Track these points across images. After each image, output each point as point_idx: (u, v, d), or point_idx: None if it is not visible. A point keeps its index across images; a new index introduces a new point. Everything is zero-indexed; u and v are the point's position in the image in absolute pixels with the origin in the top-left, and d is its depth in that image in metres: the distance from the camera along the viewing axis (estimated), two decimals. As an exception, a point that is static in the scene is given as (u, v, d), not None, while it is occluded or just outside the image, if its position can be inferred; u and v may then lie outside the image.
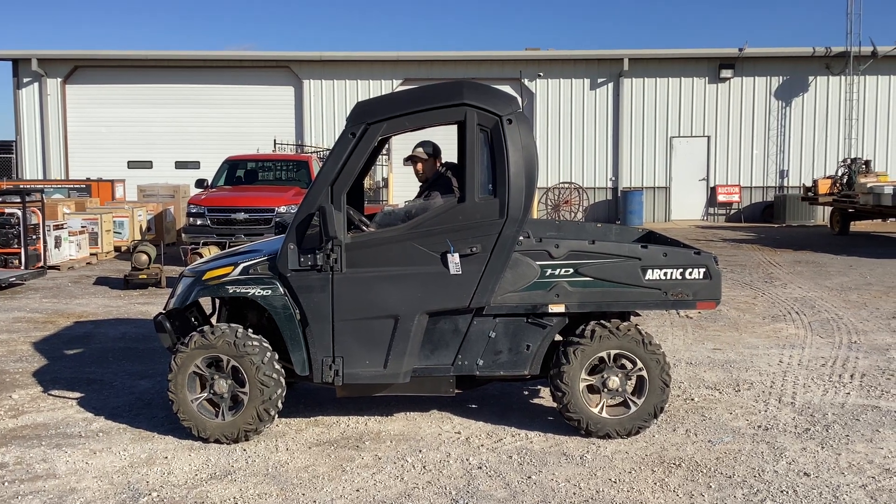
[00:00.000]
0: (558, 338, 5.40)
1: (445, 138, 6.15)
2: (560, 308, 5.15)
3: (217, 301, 5.85)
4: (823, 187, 19.52)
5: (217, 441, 5.15)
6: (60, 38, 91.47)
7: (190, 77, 22.71)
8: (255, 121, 22.29)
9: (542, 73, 22.71)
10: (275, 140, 21.42)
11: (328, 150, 17.60)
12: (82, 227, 14.72)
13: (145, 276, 11.48)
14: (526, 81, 22.39)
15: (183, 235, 14.06)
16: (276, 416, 5.26)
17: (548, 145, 22.66)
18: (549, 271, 5.12)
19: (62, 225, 13.96)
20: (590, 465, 4.83)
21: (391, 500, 4.37)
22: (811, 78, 22.82)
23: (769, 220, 22.57)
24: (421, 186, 5.85)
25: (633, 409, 5.20)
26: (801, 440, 5.23)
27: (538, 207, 22.16)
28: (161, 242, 14.99)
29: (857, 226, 19.71)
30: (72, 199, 16.80)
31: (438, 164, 5.83)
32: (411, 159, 5.86)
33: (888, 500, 4.33)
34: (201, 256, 10.95)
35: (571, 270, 5.12)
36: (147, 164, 22.81)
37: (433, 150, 5.84)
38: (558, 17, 79.90)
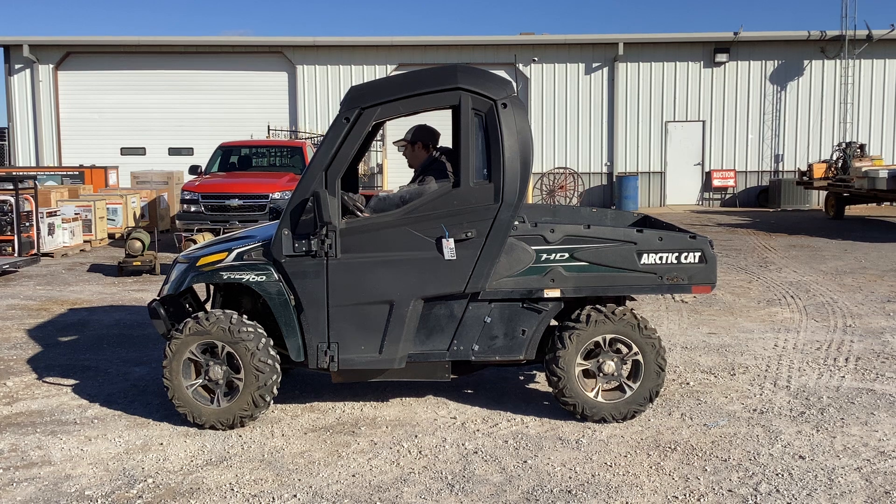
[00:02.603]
0: (554, 322, 5.39)
1: (440, 123, 6.11)
2: (555, 293, 5.14)
3: (211, 287, 5.83)
4: (818, 171, 19.53)
5: (212, 427, 5.14)
6: (52, 24, 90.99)
7: (183, 63, 22.57)
8: (248, 107, 22.20)
9: (536, 58, 22.63)
10: (269, 126, 21.34)
11: (322, 135, 17.53)
12: (76, 214, 14.66)
13: (139, 263, 11.45)
14: (521, 66, 22.32)
15: (177, 222, 14.03)
16: (272, 402, 5.26)
17: (542, 130, 22.62)
18: (545, 256, 5.10)
19: (55, 212, 13.90)
20: (585, 449, 4.83)
21: (387, 485, 4.37)
22: (806, 62, 22.78)
23: (764, 205, 22.59)
24: (414, 172, 5.79)
25: (629, 393, 5.20)
26: (796, 423, 5.24)
27: (533, 193, 22.13)
28: (155, 229, 14.93)
29: (852, 210, 19.74)
30: (65, 186, 16.72)
31: (432, 149, 5.77)
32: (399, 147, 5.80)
33: (883, 482, 4.34)
34: (195, 243, 10.91)
35: (567, 255, 5.11)
36: (140, 151, 22.72)
37: (413, 136, 5.69)
38: (553, 2, 79.62)
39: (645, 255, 5.14)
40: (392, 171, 21.06)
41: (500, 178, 4.93)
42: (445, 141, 5.78)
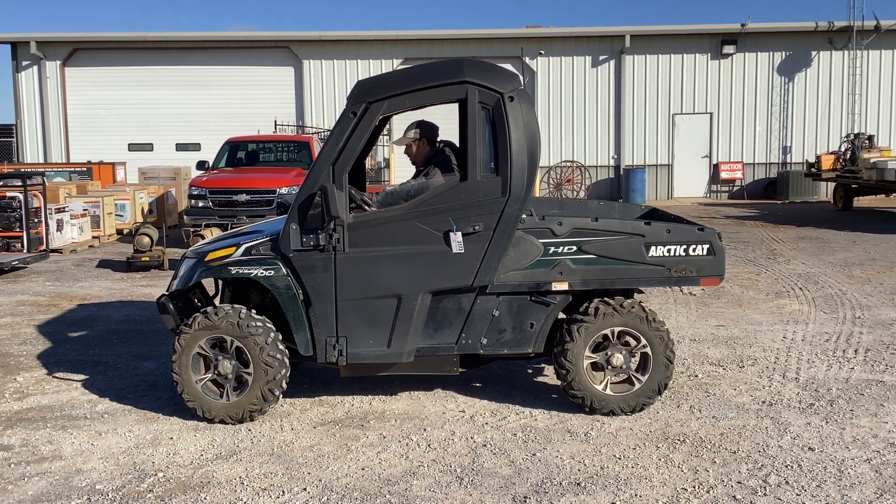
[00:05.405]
0: (562, 315, 5.39)
1: (446, 118, 6.11)
2: (563, 286, 5.13)
3: (220, 282, 5.84)
4: (826, 163, 19.47)
5: (222, 421, 5.16)
6: (59, 21, 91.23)
7: (190, 58, 22.58)
8: (255, 102, 22.19)
9: (543, 51, 22.56)
10: (275, 121, 21.34)
11: (329, 130, 17.55)
12: (84, 210, 14.70)
13: (148, 259, 11.48)
14: (527, 59, 22.25)
15: (185, 217, 14.06)
16: (281, 396, 5.27)
17: (549, 124, 22.57)
18: (553, 249, 5.10)
19: (64, 208, 13.94)
20: (594, 441, 4.83)
21: (396, 478, 4.38)
22: (814, 53, 22.66)
23: (772, 197, 22.51)
24: (417, 167, 5.78)
25: (638, 385, 5.20)
26: (805, 415, 5.23)
27: (540, 186, 22.10)
28: (163, 225, 14.99)
29: (861, 201, 19.66)
30: (73, 183, 16.77)
31: (435, 143, 5.77)
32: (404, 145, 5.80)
33: (893, 473, 4.33)
34: (203, 238, 10.94)
35: (574, 248, 5.10)
36: (148, 147, 22.75)
37: (417, 132, 5.71)
38: (559, -6, 79.32)
39: (653, 248, 5.13)
40: (399, 165, 21.04)
41: (508, 172, 4.93)
42: (452, 135, 5.77)
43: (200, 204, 13.57)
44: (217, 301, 5.91)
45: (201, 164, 14.82)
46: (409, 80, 5.07)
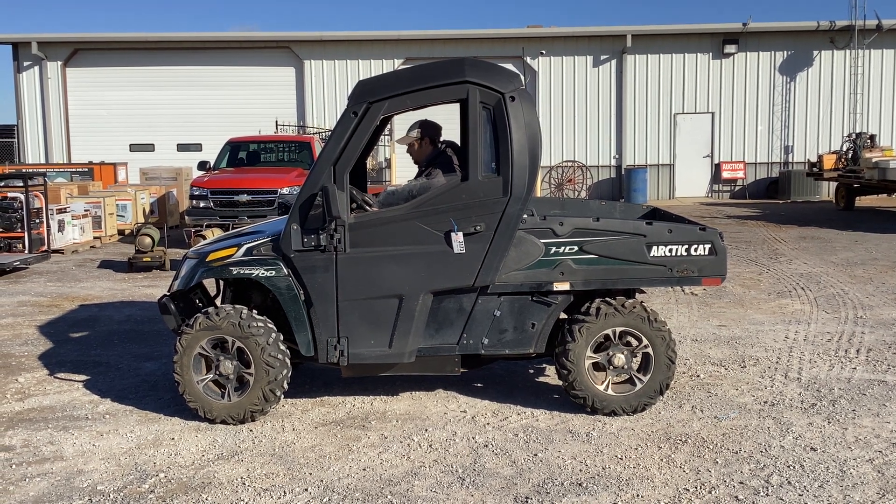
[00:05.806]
0: (563, 316, 5.38)
1: (447, 118, 6.11)
2: (565, 286, 5.13)
3: (221, 283, 5.84)
4: (828, 163, 19.47)
5: (223, 422, 5.16)
6: (60, 22, 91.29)
7: (191, 59, 22.60)
8: (256, 102, 22.19)
9: (544, 51, 22.56)
10: (276, 121, 21.35)
11: (330, 130, 17.55)
12: (85, 210, 14.70)
13: (149, 259, 11.48)
14: (528, 59, 22.24)
15: (186, 218, 14.07)
16: (282, 396, 5.27)
17: (551, 123, 22.56)
18: (554, 249, 5.09)
19: (65, 209, 13.94)
20: (596, 442, 4.83)
21: (398, 478, 4.38)
22: (815, 52, 22.65)
23: (774, 197, 22.50)
24: (419, 166, 5.78)
25: (639, 386, 5.19)
26: (807, 415, 5.22)
27: (541, 186, 22.09)
28: (164, 225, 15.00)
29: (863, 201, 19.65)
30: (74, 183, 16.76)
31: (437, 143, 5.76)
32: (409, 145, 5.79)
33: (895, 473, 4.32)
34: (205, 238, 10.94)
35: (576, 248, 5.10)
36: (149, 147, 22.76)
37: (420, 132, 5.70)
38: (560, -6, 79.30)
39: (654, 248, 5.12)
40: (400, 165, 21.04)
41: (509, 172, 4.92)
42: (453, 135, 5.77)
43: (202, 204, 13.58)
44: (218, 301, 5.91)
45: (202, 165, 14.83)
46: (410, 80, 5.07)
